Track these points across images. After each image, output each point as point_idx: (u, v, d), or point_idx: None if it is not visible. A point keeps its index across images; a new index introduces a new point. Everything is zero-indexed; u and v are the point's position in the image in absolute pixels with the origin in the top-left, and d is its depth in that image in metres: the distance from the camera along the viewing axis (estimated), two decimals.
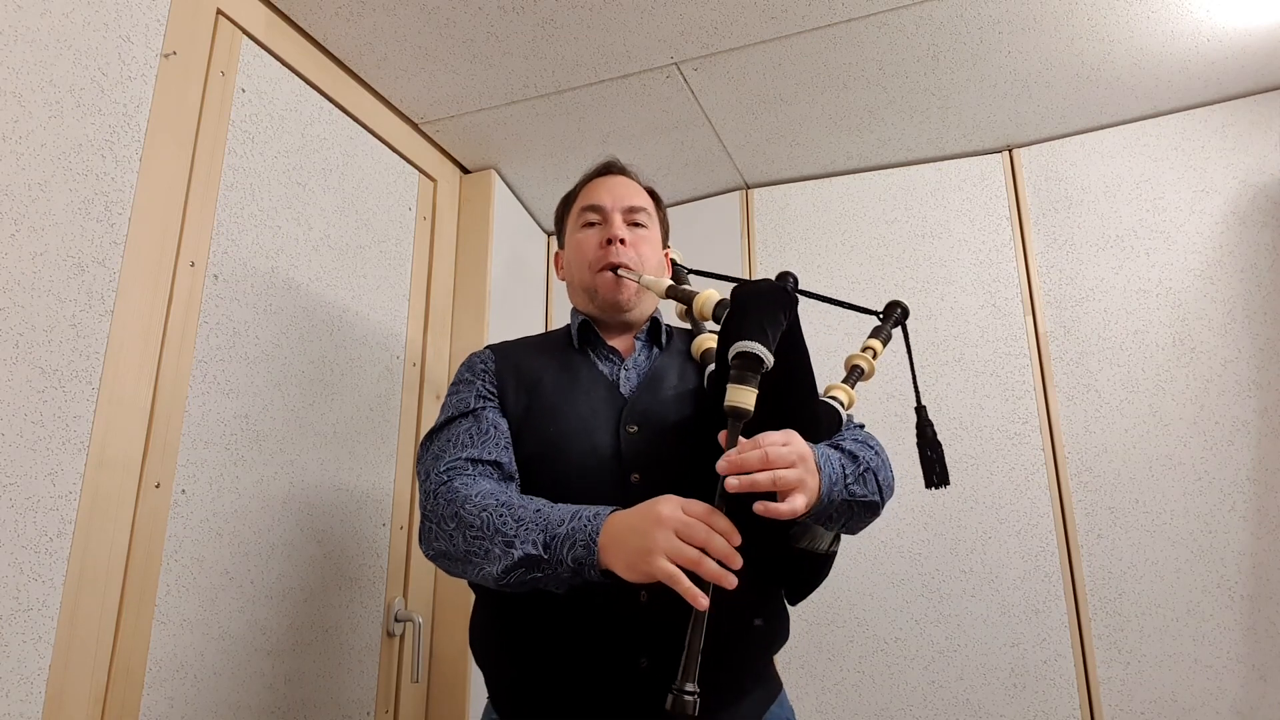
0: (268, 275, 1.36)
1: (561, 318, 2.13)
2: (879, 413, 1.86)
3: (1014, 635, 1.66)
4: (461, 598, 1.67)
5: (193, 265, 1.21)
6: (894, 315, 1.16)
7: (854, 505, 0.96)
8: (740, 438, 0.84)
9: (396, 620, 1.55)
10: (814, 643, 1.77)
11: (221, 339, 1.26)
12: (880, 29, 1.53)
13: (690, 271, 1.30)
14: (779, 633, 1.06)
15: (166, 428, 1.14)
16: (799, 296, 0.98)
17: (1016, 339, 1.81)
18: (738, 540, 0.79)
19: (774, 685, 1.05)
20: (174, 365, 1.16)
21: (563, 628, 0.94)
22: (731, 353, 0.85)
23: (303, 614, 1.35)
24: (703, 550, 0.78)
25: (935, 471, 1.08)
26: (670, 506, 0.81)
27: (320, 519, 1.42)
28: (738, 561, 0.78)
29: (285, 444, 1.36)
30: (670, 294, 1.09)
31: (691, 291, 1.05)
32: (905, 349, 1.18)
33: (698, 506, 0.81)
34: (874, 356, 1.10)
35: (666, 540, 0.78)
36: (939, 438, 1.11)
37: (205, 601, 1.18)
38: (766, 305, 0.88)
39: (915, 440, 1.10)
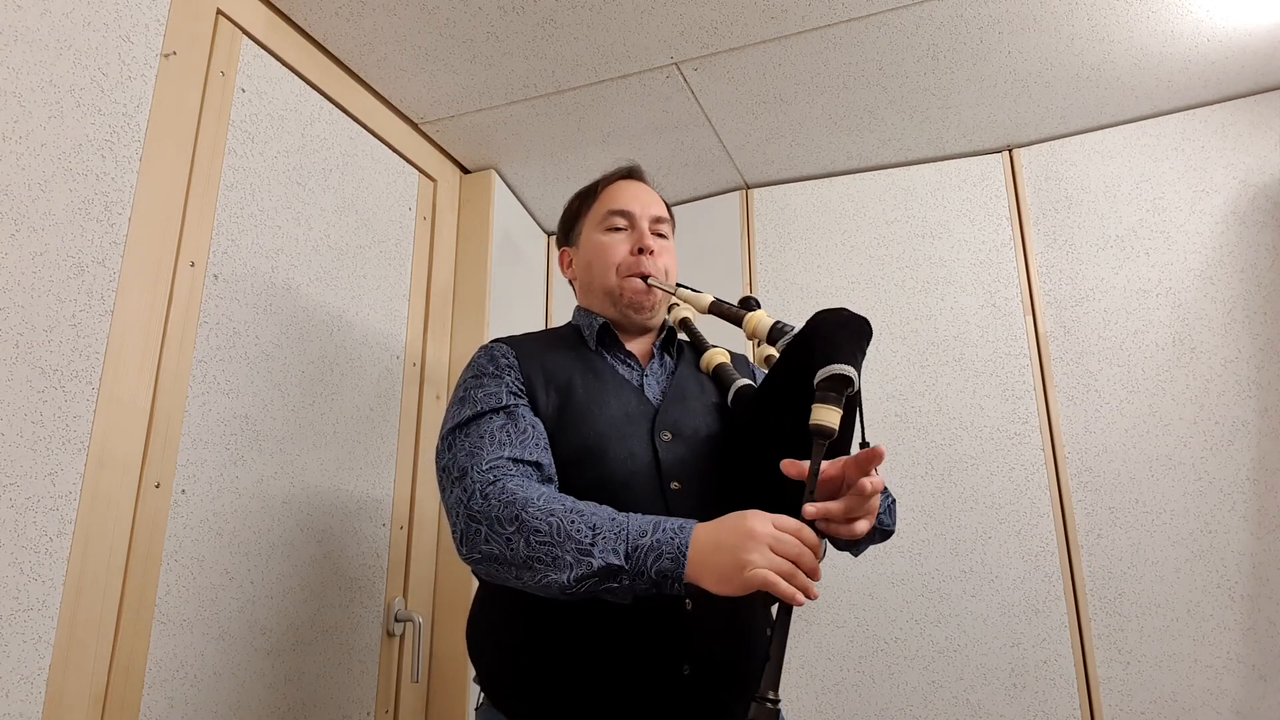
0: (268, 275, 1.36)
1: (561, 318, 2.13)
2: (879, 413, 1.86)
3: (1014, 635, 1.66)
4: (462, 598, 1.67)
5: (193, 265, 1.21)
6: None
7: (875, 532, 1.01)
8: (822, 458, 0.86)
9: (396, 620, 1.55)
10: (814, 643, 1.77)
11: (221, 339, 1.26)
12: (880, 29, 1.53)
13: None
14: None
15: (166, 428, 1.14)
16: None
17: (1016, 339, 1.81)
18: (822, 555, 0.81)
19: None
20: (174, 365, 1.16)
21: (604, 633, 0.94)
22: (823, 374, 0.85)
23: (303, 614, 1.36)
24: (794, 564, 0.79)
25: None
26: (762, 522, 0.81)
27: (320, 519, 1.42)
28: (820, 576, 0.80)
29: (285, 444, 1.36)
30: (714, 309, 1.10)
31: (740, 311, 1.06)
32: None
33: (789, 522, 0.82)
34: None
35: (763, 555, 0.78)
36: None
37: (205, 601, 1.18)
38: (855, 334, 0.89)
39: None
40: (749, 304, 1.20)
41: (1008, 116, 1.82)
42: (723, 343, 1.23)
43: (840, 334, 0.89)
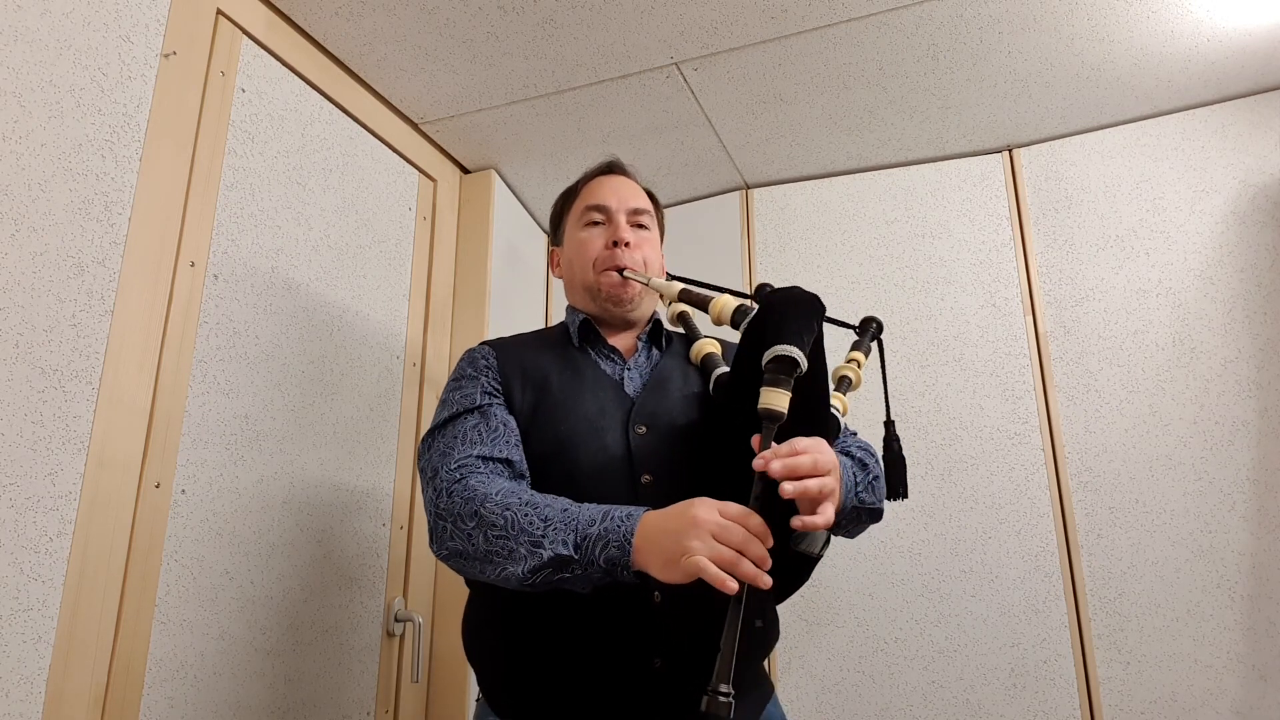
0: (268, 275, 1.36)
1: (561, 318, 2.13)
2: (880, 412, 1.85)
3: (1014, 635, 1.66)
4: (461, 598, 1.66)
5: (193, 265, 1.21)
6: (870, 329, 1.18)
7: (860, 512, 1.00)
8: (773, 441, 0.84)
9: (396, 620, 1.55)
10: (814, 643, 1.77)
11: (221, 339, 1.26)
12: (880, 29, 1.53)
13: (672, 277, 1.31)
14: (773, 634, 1.07)
15: (166, 428, 1.14)
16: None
17: (1016, 339, 1.81)
18: (770, 543, 0.79)
19: (768, 687, 1.06)
20: (174, 365, 1.16)
21: (575, 628, 0.94)
22: (768, 356, 0.85)
23: (303, 614, 1.36)
24: (739, 553, 0.78)
25: (899, 485, 1.10)
26: (706, 509, 0.80)
27: (320, 519, 1.42)
28: (768, 564, 0.78)
29: (285, 444, 1.36)
30: (684, 297, 1.09)
31: (707, 296, 1.06)
32: (880, 364, 1.19)
33: (734, 509, 0.81)
34: (859, 367, 1.12)
35: (703, 543, 0.78)
36: (904, 452, 1.13)
37: (205, 601, 1.18)
38: (802, 312, 0.89)
39: (882, 452, 1.13)
40: (763, 291, 1.19)
41: (1008, 116, 1.82)
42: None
43: (788, 313, 0.88)
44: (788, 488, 0.79)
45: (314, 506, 1.41)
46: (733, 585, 0.76)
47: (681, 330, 1.22)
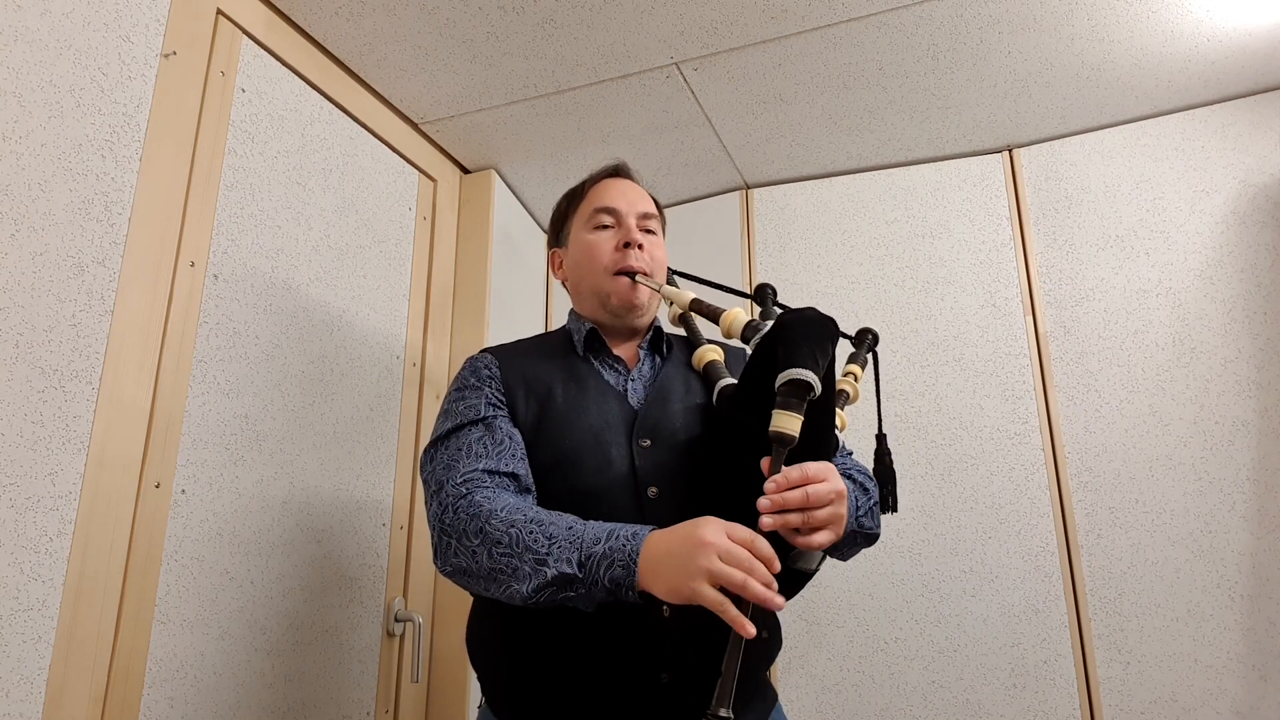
0: (268, 275, 1.36)
1: (561, 318, 2.13)
2: (870, 420, 1.86)
3: (1014, 635, 1.66)
4: (462, 598, 1.67)
5: (193, 265, 1.21)
6: (866, 341, 1.17)
7: (858, 536, 1.01)
8: (783, 465, 0.84)
9: (396, 620, 1.55)
10: (814, 643, 1.77)
11: (221, 339, 1.26)
12: (880, 29, 1.53)
13: (675, 273, 1.30)
14: (776, 643, 1.06)
15: (166, 428, 1.14)
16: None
17: (1016, 339, 1.81)
18: (778, 567, 0.79)
19: (771, 695, 1.06)
20: (174, 365, 1.16)
21: (582, 640, 0.93)
22: (782, 379, 0.84)
23: (303, 614, 1.36)
24: (746, 574, 0.77)
25: (889, 498, 1.10)
26: (714, 531, 0.79)
27: (320, 519, 1.42)
28: (775, 588, 0.78)
29: (285, 444, 1.36)
30: (694, 307, 1.09)
31: (719, 308, 1.05)
32: (874, 377, 1.19)
33: (742, 532, 0.80)
34: (855, 380, 1.11)
35: (710, 565, 0.77)
36: (904, 452, 1.14)
37: (205, 601, 1.18)
38: (817, 335, 0.88)
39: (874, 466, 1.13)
40: (763, 292, 1.18)
41: (1008, 116, 1.82)
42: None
43: (801, 336, 0.87)
44: (766, 521, 0.81)
45: (314, 507, 1.41)
46: (751, 630, 0.76)
47: (683, 332, 1.22)
